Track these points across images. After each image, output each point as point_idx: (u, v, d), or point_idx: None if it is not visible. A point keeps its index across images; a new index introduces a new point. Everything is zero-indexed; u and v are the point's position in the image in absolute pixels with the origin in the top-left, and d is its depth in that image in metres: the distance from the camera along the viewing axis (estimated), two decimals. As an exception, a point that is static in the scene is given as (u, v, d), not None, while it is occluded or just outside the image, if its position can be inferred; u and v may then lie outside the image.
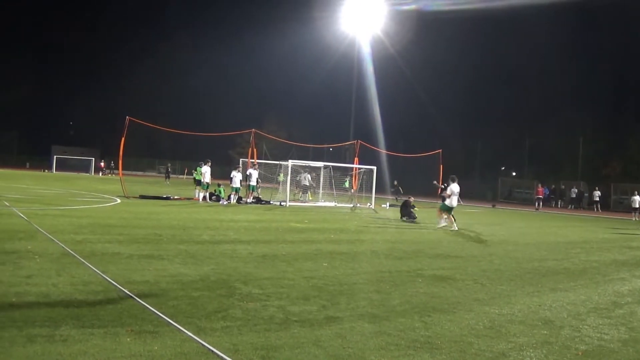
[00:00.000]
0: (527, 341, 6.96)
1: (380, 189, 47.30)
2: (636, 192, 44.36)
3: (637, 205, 43.41)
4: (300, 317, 7.35)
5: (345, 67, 74.03)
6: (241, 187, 32.59)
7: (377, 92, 70.85)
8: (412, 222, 26.01)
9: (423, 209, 30.97)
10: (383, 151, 54.09)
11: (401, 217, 26.96)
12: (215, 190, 32.83)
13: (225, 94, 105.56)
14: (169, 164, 54.83)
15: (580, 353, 6.64)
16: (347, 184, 42.85)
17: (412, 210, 27.25)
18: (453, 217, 23.79)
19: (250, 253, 12.70)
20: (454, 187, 23.76)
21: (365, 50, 67.36)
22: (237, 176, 31.97)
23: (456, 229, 22.93)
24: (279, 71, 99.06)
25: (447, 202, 23.79)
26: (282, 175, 39.83)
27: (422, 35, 77.39)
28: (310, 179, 38.52)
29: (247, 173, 33.94)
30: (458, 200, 24.92)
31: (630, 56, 70.03)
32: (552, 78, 77.69)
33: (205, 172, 31.42)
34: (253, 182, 33.57)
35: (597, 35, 72.70)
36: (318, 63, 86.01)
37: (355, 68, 68.79)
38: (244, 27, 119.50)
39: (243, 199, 32.59)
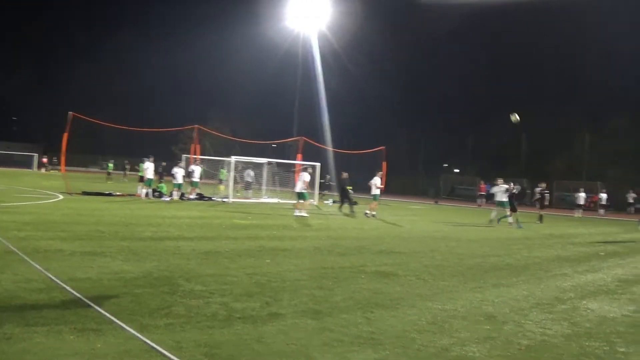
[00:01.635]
0: (470, 336, 7.06)
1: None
2: (581, 189, 45.14)
3: (582, 202, 44.17)
4: (243, 314, 7.34)
5: (290, 63, 73.76)
6: (183, 184, 32.36)
7: (323, 88, 70.89)
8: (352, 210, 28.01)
9: (363, 204, 31.01)
10: (328, 148, 54.11)
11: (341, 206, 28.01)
12: (157, 187, 32.49)
13: (170, 90, 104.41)
14: (126, 161, 54.01)
15: (522, 348, 6.76)
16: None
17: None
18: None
19: (193, 250, 12.62)
20: (305, 177, 26.37)
21: (310, 46, 67.29)
22: (179, 172, 31.78)
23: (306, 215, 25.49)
24: (222, 67, 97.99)
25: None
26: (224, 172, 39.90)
27: (367, 32, 77.74)
28: (253, 175, 38.49)
29: (190, 169, 33.66)
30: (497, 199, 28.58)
31: (575, 55, 71.43)
32: (496, 76, 78.77)
33: (148, 168, 31.00)
34: (196, 179, 33.30)
35: (542, 34, 73.90)
36: (263, 59, 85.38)
37: (300, 64, 68.70)
38: (188, 23, 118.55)
39: (185, 195, 32.33)
